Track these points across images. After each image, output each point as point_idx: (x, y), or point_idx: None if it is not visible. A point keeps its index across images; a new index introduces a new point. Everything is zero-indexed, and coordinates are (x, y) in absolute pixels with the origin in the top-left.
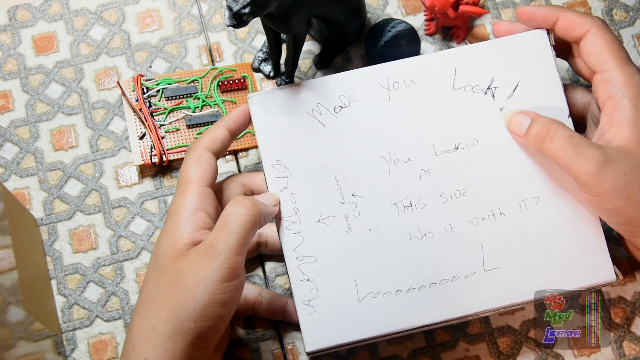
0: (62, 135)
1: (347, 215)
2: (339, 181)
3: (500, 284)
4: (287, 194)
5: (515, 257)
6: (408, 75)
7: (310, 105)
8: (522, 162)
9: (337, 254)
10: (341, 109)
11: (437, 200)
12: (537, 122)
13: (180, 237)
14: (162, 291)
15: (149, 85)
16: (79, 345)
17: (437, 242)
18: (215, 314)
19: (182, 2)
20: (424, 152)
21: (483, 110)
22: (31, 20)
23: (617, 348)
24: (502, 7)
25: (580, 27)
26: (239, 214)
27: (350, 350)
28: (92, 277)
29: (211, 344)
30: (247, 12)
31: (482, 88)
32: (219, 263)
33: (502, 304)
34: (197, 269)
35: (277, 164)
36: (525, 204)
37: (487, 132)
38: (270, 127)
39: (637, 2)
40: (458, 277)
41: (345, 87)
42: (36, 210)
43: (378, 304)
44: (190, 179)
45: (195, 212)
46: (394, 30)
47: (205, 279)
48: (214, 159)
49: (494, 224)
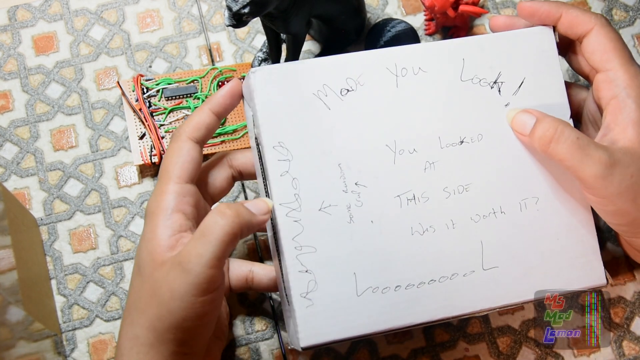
0: (62, 135)
1: (350, 205)
2: (343, 168)
3: (497, 283)
4: (289, 179)
5: (513, 257)
6: (417, 63)
7: (315, 86)
8: (524, 161)
9: (337, 245)
10: (348, 92)
11: (441, 194)
12: (543, 123)
13: (158, 244)
14: (143, 300)
15: (149, 85)
16: (78, 345)
17: (438, 238)
18: (193, 326)
19: (182, 2)
20: (429, 143)
21: (489, 105)
22: (31, 20)
23: (617, 348)
24: (502, 7)
25: (584, 24)
26: (218, 226)
27: (350, 350)
28: (92, 277)
29: (197, 349)
30: (246, 12)
31: (489, 82)
32: (193, 278)
33: (499, 304)
34: (172, 282)
35: (279, 145)
36: (525, 203)
37: (492, 127)
38: (273, 106)
39: (637, 2)
40: (457, 275)
41: (352, 68)
42: (36, 210)
43: (377, 300)
44: (169, 174)
45: (172, 214)
46: (394, 30)
47: (180, 293)
48: (197, 149)
49: (494, 222)
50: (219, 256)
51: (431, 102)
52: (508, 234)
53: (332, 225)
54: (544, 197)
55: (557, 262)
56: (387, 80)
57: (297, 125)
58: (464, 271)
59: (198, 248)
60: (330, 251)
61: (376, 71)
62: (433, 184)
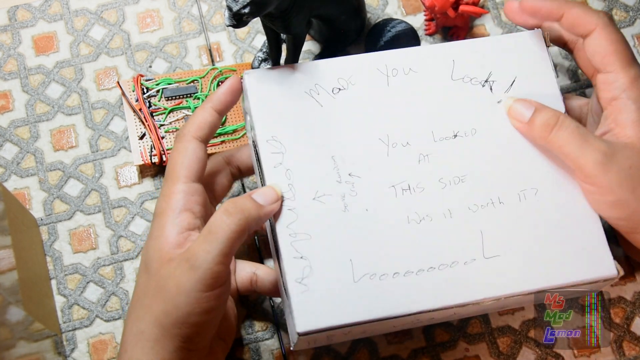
0: (62, 135)
1: (344, 195)
2: (336, 160)
3: (500, 272)
4: (282, 170)
5: (515, 247)
6: (407, 64)
7: (307, 85)
8: (521, 154)
9: (332, 232)
10: (339, 90)
11: (436, 185)
12: (543, 112)
13: (166, 241)
14: (149, 296)
15: (149, 85)
16: (78, 345)
17: (436, 227)
18: (199, 321)
19: (182, 2)
20: (422, 137)
21: (481, 102)
22: (31, 20)
23: (617, 348)
24: (502, 7)
25: (586, 24)
26: (224, 224)
27: (350, 350)
28: (92, 277)
29: (202, 345)
30: (246, 12)
31: (480, 80)
32: (200, 274)
33: (501, 293)
34: (179, 277)
35: (273, 139)
36: (524, 194)
37: (486, 122)
38: (266, 104)
39: (637, 2)
40: (457, 263)
41: (343, 70)
42: (36, 210)
43: (375, 286)
44: (176, 175)
45: (181, 213)
46: (394, 30)
47: (186, 289)
48: (201, 148)
49: (493, 212)
50: (225, 253)
51: (422, 100)
52: (508, 224)
53: (327, 214)
54: (543, 189)
55: (563, 252)
56: (378, 80)
57: (290, 121)
58: (464, 259)
59: (205, 245)
60: (325, 238)
61: (367, 72)
62: (428, 175)
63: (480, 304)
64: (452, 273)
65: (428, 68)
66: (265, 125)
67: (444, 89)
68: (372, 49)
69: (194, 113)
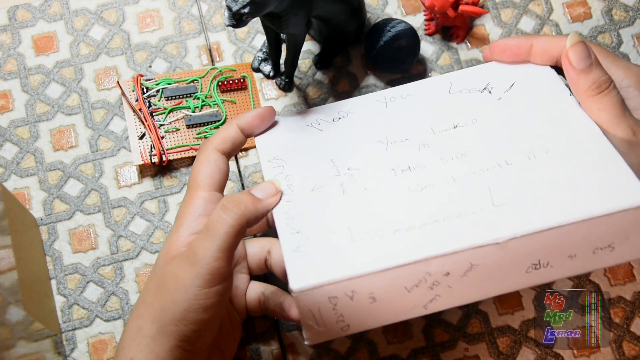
0: (62, 135)
1: (342, 183)
2: (335, 162)
3: (513, 213)
4: (282, 177)
5: (527, 191)
6: (405, 92)
7: (310, 120)
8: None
9: (330, 211)
10: (339, 119)
11: (437, 162)
12: (599, 71)
13: (176, 241)
14: (149, 293)
15: (149, 85)
16: (78, 345)
17: (439, 191)
18: (197, 319)
19: (182, 2)
20: (421, 132)
21: (481, 101)
22: (31, 20)
23: (617, 348)
24: (502, 7)
25: (556, 47)
26: (222, 220)
27: (350, 350)
28: (92, 277)
29: (199, 348)
30: (246, 12)
31: (478, 89)
32: (199, 269)
33: (518, 232)
34: (179, 273)
35: (274, 159)
36: (533, 154)
37: (488, 112)
38: (272, 143)
39: (637, 2)
40: (464, 214)
41: (344, 106)
42: (36, 210)
43: (374, 242)
44: (198, 183)
45: (199, 217)
46: (394, 30)
47: (185, 284)
48: (223, 160)
49: (500, 172)
50: (224, 248)
51: (421, 111)
52: (519, 176)
53: (325, 199)
54: (554, 148)
55: (582, 185)
56: (376, 107)
57: (291, 144)
58: (472, 210)
59: (204, 242)
60: (324, 216)
61: (367, 104)
62: (428, 157)
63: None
64: (458, 222)
65: (425, 91)
66: (268, 151)
67: (443, 100)
68: (371, 49)
69: (220, 127)
